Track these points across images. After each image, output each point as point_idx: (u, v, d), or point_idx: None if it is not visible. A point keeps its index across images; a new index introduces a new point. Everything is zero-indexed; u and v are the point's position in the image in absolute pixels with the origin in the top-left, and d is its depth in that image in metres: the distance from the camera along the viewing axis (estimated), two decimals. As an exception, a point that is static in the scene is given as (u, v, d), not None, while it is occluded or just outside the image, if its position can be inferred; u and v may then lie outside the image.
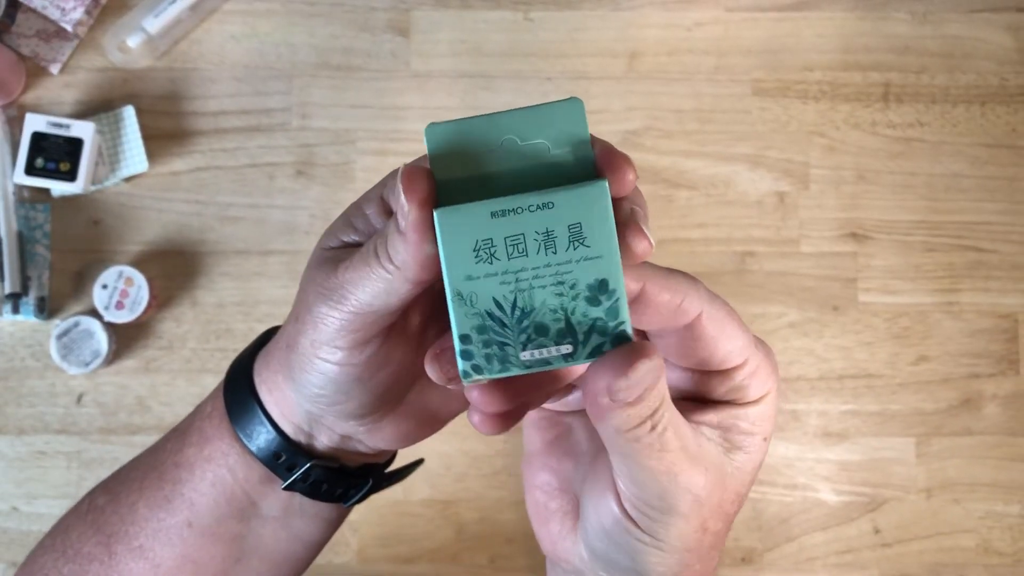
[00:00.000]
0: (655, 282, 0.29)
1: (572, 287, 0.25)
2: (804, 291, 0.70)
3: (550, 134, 0.26)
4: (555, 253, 0.25)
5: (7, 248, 0.67)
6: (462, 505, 0.68)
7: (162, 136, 0.70)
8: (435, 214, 0.25)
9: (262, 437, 0.36)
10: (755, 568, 0.68)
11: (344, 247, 0.33)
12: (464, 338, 0.26)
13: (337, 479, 0.37)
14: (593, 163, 0.26)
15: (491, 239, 0.25)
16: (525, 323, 0.26)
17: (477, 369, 0.26)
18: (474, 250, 0.25)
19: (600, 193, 0.25)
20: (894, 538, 0.69)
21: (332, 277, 0.32)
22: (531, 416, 0.35)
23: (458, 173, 0.26)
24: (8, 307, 0.66)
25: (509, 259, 0.25)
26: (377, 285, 0.30)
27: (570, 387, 0.33)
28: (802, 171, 0.71)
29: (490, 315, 0.26)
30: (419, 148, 0.71)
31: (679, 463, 0.29)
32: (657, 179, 0.71)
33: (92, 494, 0.41)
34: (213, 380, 0.68)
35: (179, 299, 0.69)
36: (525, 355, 0.26)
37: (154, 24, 0.69)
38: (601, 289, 0.26)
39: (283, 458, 0.36)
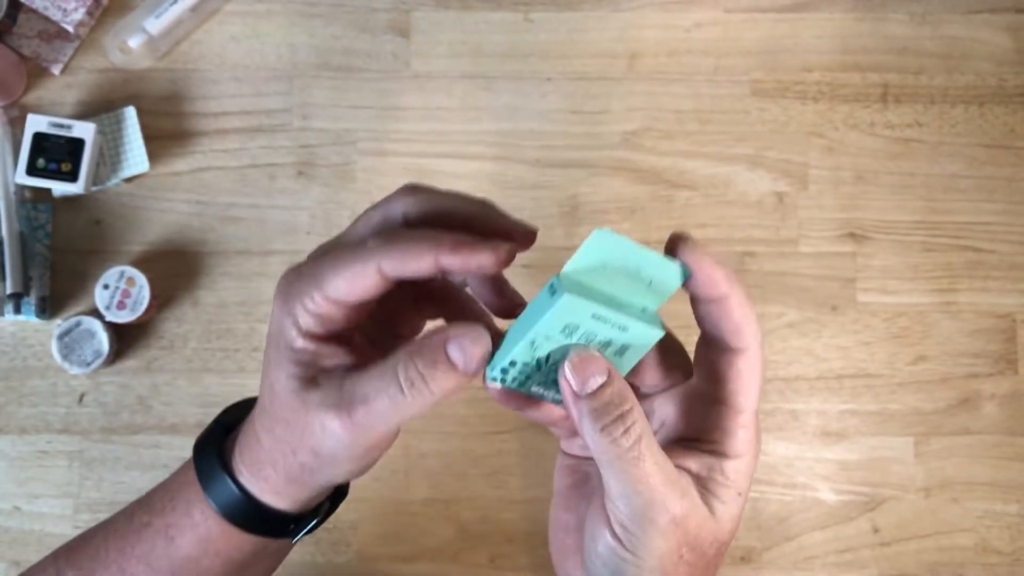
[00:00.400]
0: (746, 303, 0.35)
1: None
2: (803, 291, 0.71)
3: (656, 276, 0.35)
4: (599, 350, 0.34)
5: (9, 248, 0.67)
6: (462, 504, 0.68)
7: (163, 136, 0.70)
8: (566, 294, 0.32)
9: (239, 509, 0.38)
10: (754, 567, 0.69)
11: (321, 372, 0.36)
12: (512, 364, 0.34)
13: (292, 519, 0.40)
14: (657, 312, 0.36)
15: (578, 326, 0.33)
16: (549, 373, 0.35)
17: (502, 380, 0.34)
18: (565, 326, 0.33)
19: (653, 339, 0.34)
20: (893, 537, 0.69)
21: (347, 417, 0.34)
22: (558, 463, 0.41)
23: (593, 269, 0.34)
24: (10, 307, 0.66)
25: (574, 340, 0.34)
26: (406, 413, 0.33)
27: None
28: (801, 171, 0.71)
29: (536, 362, 0.34)
30: (419, 148, 0.71)
31: (655, 476, 0.33)
32: (657, 179, 0.71)
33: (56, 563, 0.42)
34: (214, 379, 0.69)
35: (180, 299, 0.69)
36: (535, 388, 0.35)
37: (155, 25, 0.69)
38: None
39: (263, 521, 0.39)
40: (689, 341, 0.38)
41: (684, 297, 0.36)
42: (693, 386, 0.38)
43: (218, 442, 0.40)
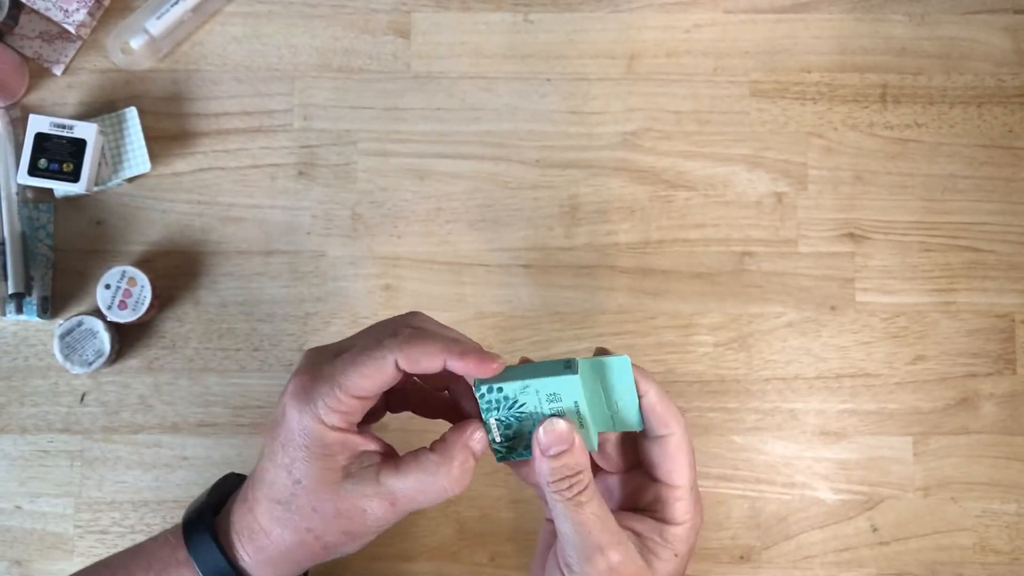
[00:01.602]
0: (664, 398, 0.44)
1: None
2: (802, 291, 0.71)
3: (612, 386, 0.45)
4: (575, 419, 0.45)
5: (10, 248, 0.67)
6: (462, 503, 0.68)
7: (165, 137, 0.70)
8: (577, 375, 0.43)
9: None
10: (753, 566, 0.69)
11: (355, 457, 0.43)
12: (500, 390, 0.43)
13: None
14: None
15: (561, 399, 0.44)
16: (526, 445, 0.45)
17: (505, 457, 0.46)
18: (553, 393, 0.44)
19: (593, 443, 0.46)
20: (892, 536, 0.69)
21: (389, 505, 0.43)
22: (541, 529, 0.48)
23: (596, 375, 0.45)
24: (11, 307, 0.66)
25: (550, 407, 0.44)
26: (440, 497, 0.43)
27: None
28: (800, 172, 0.72)
29: (511, 405, 0.44)
30: (420, 148, 0.71)
31: (594, 523, 0.41)
32: (656, 180, 0.71)
33: None
34: (215, 379, 0.69)
35: (182, 299, 0.69)
36: (521, 451, 0.45)
37: (156, 26, 0.70)
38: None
39: None
40: (689, 338, 0.40)
41: (684, 298, 0.37)
42: (641, 469, 0.46)
43: (210, 524, 0.45)
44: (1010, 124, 0.72)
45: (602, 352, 0.45)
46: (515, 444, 0.45)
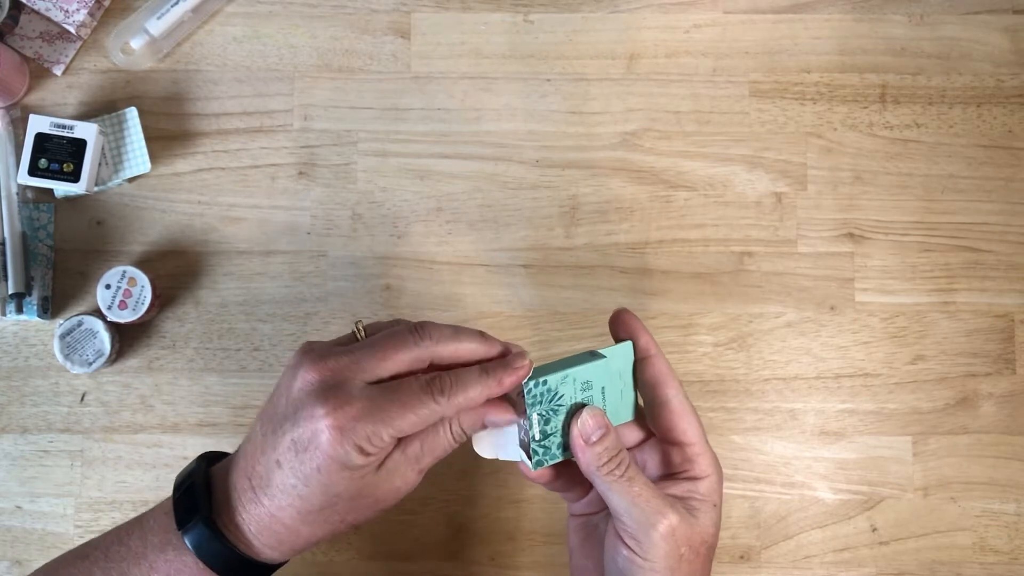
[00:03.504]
0: (662, 359, 0.49)
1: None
2: (801, 291, 0.71)
3: (620, 373, 0.49)
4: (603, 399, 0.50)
5: (11, 248, 0.67)
6: (463, 503, 0.69)
7: (165, 137, 0.70)
8: (605, 359, 0.49)
9: (222, 558, 0.45)
10: (753, 565, 0.69)
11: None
12: (545, 383, 0.47)
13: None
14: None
15: (592, 385, 0.48)
16: (562, 446, 0.49)
17: (541, 461, 0.48)
18: (587, 381, 0.48)
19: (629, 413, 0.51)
20: (891, 536, 0.69)
21: (417, 472, 0.46)
22: (568, 527, 0.52)
23: (616, 361, 0.50)
24: (12, 307, 0.67)
25: (584, 394, 0.48)
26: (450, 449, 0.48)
27: (586, 489, 0.51)
28: (799, 172, 0.72)
29: (552, 397, 0.48)
30: (420, 148, 0.71)
31: (646, 491, 0.45)
32: (656, 180, 0.71)
33: None
34: (215, 379, 0.69)
35: (182, 299, 0.70)
36: (556, 452, 0.49)
37: (157, 26, 0.70)
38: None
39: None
40: (689, 338, 0.39)
41: (683, 298, 0.37)
42: (654, 440, 0.50)
43: (209, 521, 0.45)
44: (1009, 124, 0.72)
45: (622, 316, 0.50)
46: (549, 443, 0.48)
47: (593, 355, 0.48)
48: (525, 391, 0.46)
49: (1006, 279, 0.71)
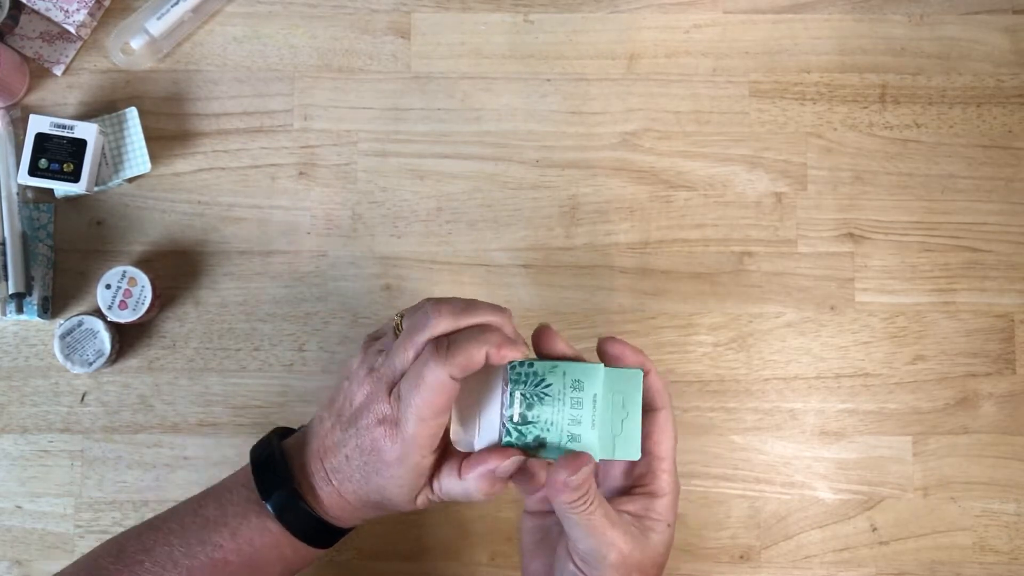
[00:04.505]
0: (658, 376, 0.50)
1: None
2: (801, 291, 0.71)
3: (625, 398, 0.48)
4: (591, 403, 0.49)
5: (11, 248, 0.67)
6: (462, 503, 0.68)
7: (165, 137, 0.71)
8: (601, 367, 0.48)
9: (302, 521, 0.50)
10: (753, 565, 0.69)
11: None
12: (530, 365, 0.47)
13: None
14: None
15: (583, 387, 0.48)
16: (545, 446, 0.48)
17: (511, 443, 0.47)
18: (576, 380, 0.48)
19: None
20: (891, 536, 0.69)
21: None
22: (521, 526, 0.53)
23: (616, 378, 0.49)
24: (12, 307, 0.67)
25: (572, 393, 0.47)
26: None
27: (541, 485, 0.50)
28: (799, 172, 0.72)
29: (538, 381, 0.47)
30: (420, 148, 0.72)
31: (603, 524, 0.46)
32: (656, 180, 0.71)
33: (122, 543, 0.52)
34: (216, 379, 0.69)
35: (182, 299, 0.70)
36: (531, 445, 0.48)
37: (157, 26, 0.70)
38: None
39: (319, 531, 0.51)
40: (689, 338, 0.39)
41: (683, 298, 0.37)
42: None
43: (293, 491, 0.50)
44: (1009, 124, 0.72)
45: (607, 341, 0.49)
46: (526, 433, 0.47)
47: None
48: (508, 368, 0.47)
49: (1006, 279, 0.71)
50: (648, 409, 0.49)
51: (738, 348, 0.70)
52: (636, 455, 0.48)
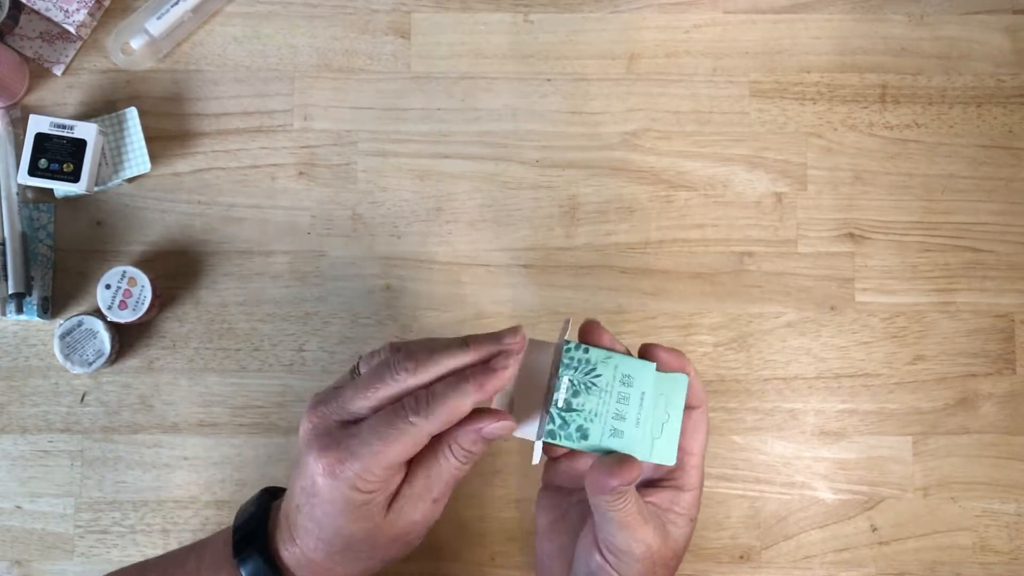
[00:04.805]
0: (697, 379, 0.50)
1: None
2: (801, 291, 0.71)
3: (669, 400, 0.49)
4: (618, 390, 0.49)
5: (11, 248, 0.67)
6: (463, 503, 0.69)
7: (165, 137, 0.70)
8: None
9: None
10: (753, 565, 0.69)
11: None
12: (569, 351, 0.48)
13: None
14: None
15: (617, 373, 0.49)
16: (582, 434, 0.48)
17: (553, 434, 0.47)
18: (608, 357, 0.49)
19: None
20: (891, 536, 0.69)
21: (432, 504, 0.49)
22: (537, 503, 0.54)
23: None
24: (12, 307, 0.67)
25: (602, 377, 0.47)
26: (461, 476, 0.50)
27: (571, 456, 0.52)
28: (800, 172, 0.72)
29: (576, 366, 0.47)
30: (419, 148, 0.71)
31: (636, 520, 0.46)
32: (656, 180, 0.71)
33: None
34: (216, 379, 0.69)
35: (182, 299, 0.70)
36: (571, 436, 0.47)
37: (157, 26, 0.70)
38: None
39: None
40: (689, 338, 0.39)
41: (683, 298, 0.37)
42: None
43: (264, 551, 0.49)
44: (1009, 124, 0.72)
45: (650, 348, 0.49)
46: (569, 421, 0.46)
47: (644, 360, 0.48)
48: (564, 351, 0.46)
49: (1006, 279, 0.71)
50: (688, 407, 0.49)
51: (738, 348, 0.70)
52: (672, 460, 0.48)
